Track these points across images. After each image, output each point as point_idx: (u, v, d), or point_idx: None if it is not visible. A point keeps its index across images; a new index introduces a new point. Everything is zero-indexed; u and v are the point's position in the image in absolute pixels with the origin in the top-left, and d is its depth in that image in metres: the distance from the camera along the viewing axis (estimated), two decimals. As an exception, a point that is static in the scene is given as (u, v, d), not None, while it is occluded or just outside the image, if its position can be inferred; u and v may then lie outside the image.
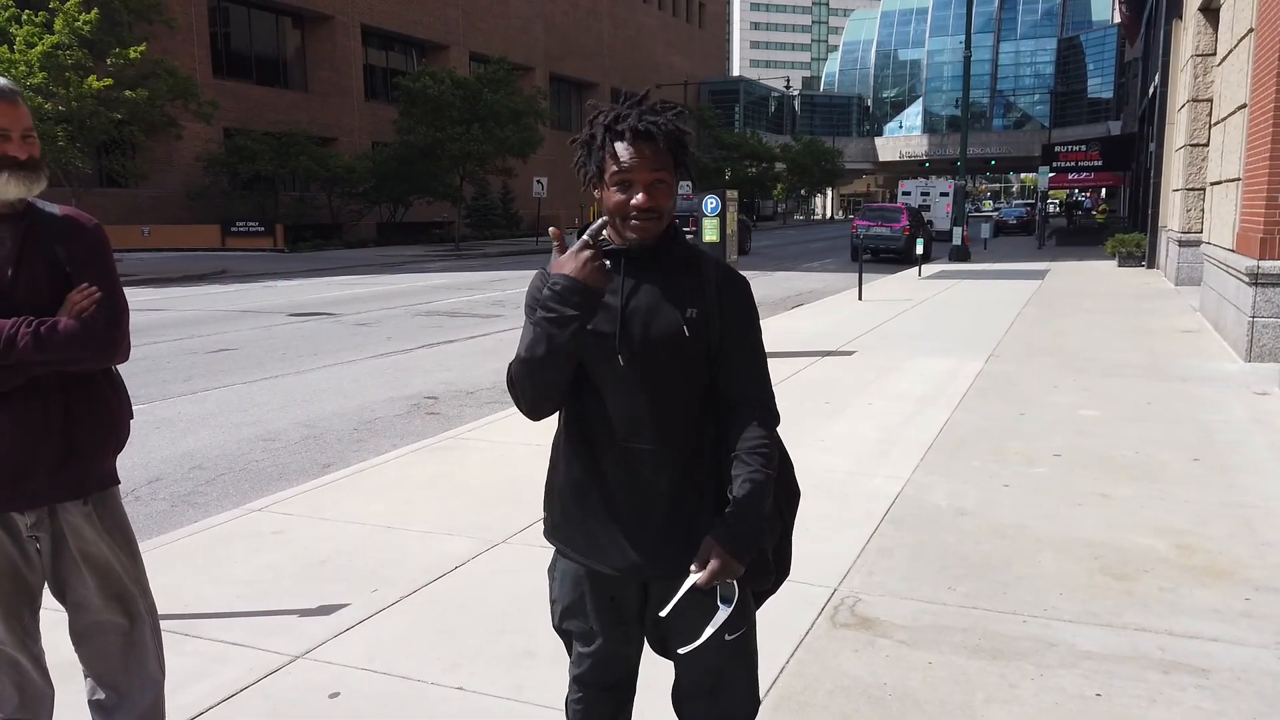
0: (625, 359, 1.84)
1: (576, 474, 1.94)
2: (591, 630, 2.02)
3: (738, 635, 1.94)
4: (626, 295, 1.86)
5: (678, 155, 1.83)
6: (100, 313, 2.16)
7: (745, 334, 1.92)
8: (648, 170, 1.78)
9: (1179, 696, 2.98)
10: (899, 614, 3.61)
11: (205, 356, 10.72)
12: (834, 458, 5.86)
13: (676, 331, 1.84)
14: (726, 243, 9.59)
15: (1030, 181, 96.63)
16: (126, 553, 2.35)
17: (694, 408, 1.90)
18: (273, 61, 38.18)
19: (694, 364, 1.88)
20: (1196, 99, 14.80)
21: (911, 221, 27.02)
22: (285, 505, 5.04)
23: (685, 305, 1.86)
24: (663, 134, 1.79)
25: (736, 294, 1.92)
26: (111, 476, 2.33)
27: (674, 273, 1.89)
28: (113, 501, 2.34)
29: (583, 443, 1.93)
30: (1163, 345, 10.15)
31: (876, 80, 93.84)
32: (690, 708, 2.06)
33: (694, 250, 1.94)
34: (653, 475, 1.88)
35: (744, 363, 1.91)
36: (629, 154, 1.78)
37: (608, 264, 1.78)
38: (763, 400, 1.92)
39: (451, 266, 26.34)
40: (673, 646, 1.97)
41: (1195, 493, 5.07)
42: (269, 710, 2.98)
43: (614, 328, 1.85)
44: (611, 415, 1.88)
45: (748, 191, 60.20)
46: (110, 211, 30.39)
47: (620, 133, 1.79)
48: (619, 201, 1.81)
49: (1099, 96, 77.20)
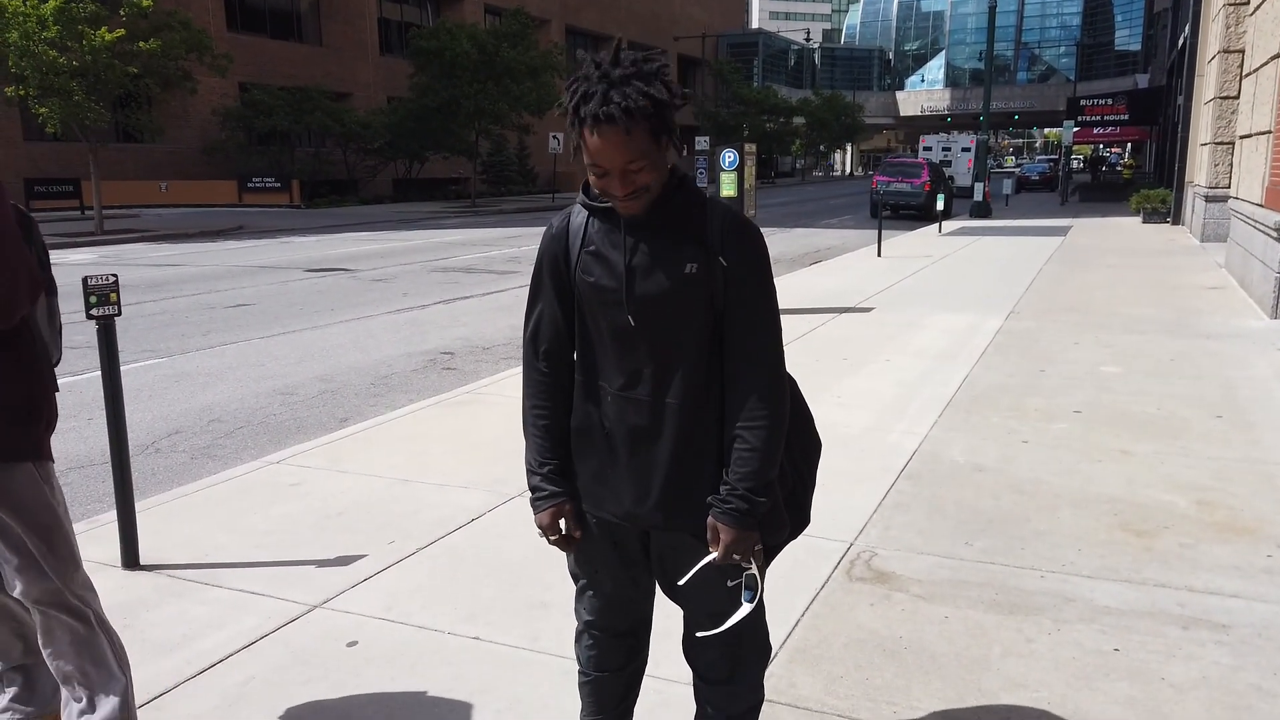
0: (631, 314, 1.82)
1: (579, 420, 1.95)
2: (597, 574, 2.04)
3: (739, 582, 1.94)
4: (629, 251, 1.82)
5: (656, 129, 1.69)
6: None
7: (752, 286, 1.83)
8: (620, 160, 1.67)
9: (1198, 652, 2.96)
10: (915, 568, 3.60)
11: (223, 311, 10.75)
12: (851, 413, 5.82)
13: (677, 286, 1.80)
14: (744, 197, 9.49)
15: (1054, 136, 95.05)
16: (38, 538, 2.13)
17: (699, 362, 1.85)
18: (287, 14, 37.82)
19: (696, 318, 1.83)
20: (1227, 50, 14.43)
21: (932, 177, 26.68)
22: (303, 458, 5.07)
23: (686, 260, 1.80)
24: (627, 116, 1.63)
25: (743, 244, 1.83)
26: (22, 450, 2.09)
27: (678, 225, 1.82)
28: (14, 479, 2.09)
29: (587, 390, 1.94)
30: (1187, 302, 10.01)
31: (898, 32, 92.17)
32: (698, 654, 2.06)
33: (701, 200, 1.86)
34: (651, 426, 1.85)
35: (750, 315, 1.83)
36: (596, 143, 1.66)
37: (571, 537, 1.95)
38: (767, 355, 1.84)
39: (467, 223, 26.26)
40: (682, 594, 1.98)
41: (1217, 449, 5.01)
42: (288, 657, 3.01)
43: (619, 283, 1.82)
44: (614, 366, 1.88)
45: (765, 147, 59.46)
46: (127, 167, 30.45)
47: (584, 119, 1.66)
48: (600, 185, 1.75)
49: (1126, 49, 75.55)
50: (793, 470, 2.02)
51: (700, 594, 1.96)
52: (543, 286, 1.94)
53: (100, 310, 3.45)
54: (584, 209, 1.89)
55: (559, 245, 1.91)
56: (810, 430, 2.09)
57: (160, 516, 4.20)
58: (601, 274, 1.83)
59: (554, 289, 1.92)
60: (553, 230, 1.93)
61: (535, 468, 1.97)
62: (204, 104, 31.80)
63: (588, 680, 2.16)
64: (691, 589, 1.96)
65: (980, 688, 2.78)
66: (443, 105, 33.19)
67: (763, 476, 1.81)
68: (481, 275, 14.26)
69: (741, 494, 1.80)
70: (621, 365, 1.87)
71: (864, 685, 2.79)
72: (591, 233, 1.87)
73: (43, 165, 28.94)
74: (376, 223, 26.04)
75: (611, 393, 1.89)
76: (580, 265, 1.87)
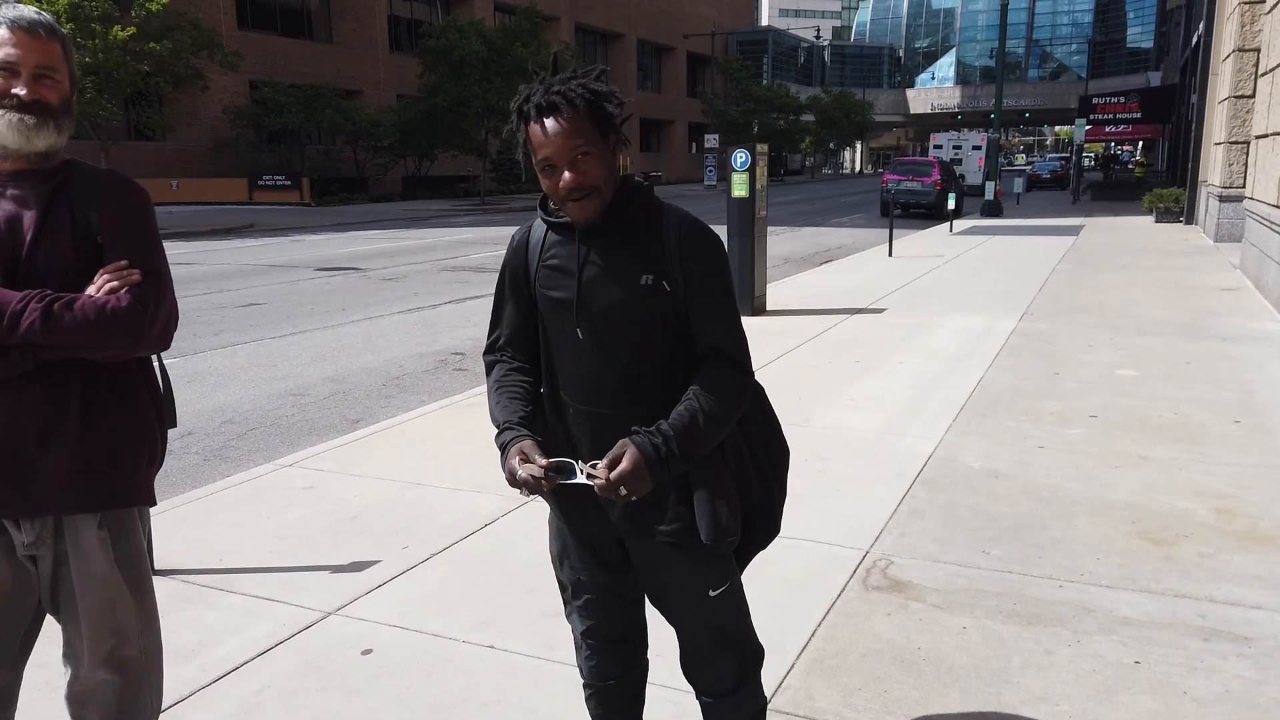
0: (584, 330, 1.82)
1: (549, 431, 1.96)
2: (581, 580, 2.03)
3: (720, 591, 1.96)
4: (581, 264, 1.81)
5: (599, 120, 1.71)
6: (133, 294, 1.82)
7: (709, 288, 1.81)
8: (565, 145, 1.68)
9: (1220, 665, 2.93)
10: (932, 577, 3.57)
11: (235, 311, 10.77)
12: (864, 417, 5.79)
13: (631, 300, 1.79)
14: (756, 198, 9.45)
15: (1066, 134, 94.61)
16: (137, 592, 1.95)
17: (658, 373, 1.84)
18: (297, 12, 37.93)
19: (653, 330, 1.82)
20: (1243, 48, 14.31)
21: (943, 176, 26.56)
22: (316, 461, 5.06)
23: (641, 271, 1.79)
24: (568, 102, 1.67)
25: (698, 248, 1.81)
26: (136, 493, 1.94)
27: (632, 237, 1.81)
28: (130, 526, 1.95)
29: (552, 401, 1.94)
30: (1201, 303, 9.93)
31: (909, 30, 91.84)
32: (698, 672, 2.06)
33: (656, 208, 1.85)
34: (614, 438, 1.79)
35: (710, 318, 1.82)
36: (540, 133, 1.69)
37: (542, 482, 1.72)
38: (730, 353, 1.84)
39: (477, 221, 26.27)
40: (666, 599, 1.99)
41: (1236, 455, 4.96)
42: (303, 665, 3.00)
43: (571, 296, 1.81)
44: (574, 379, 1.88)
45: (775, 145, 59.32)
46: (138, 165, 30.55)
47: (527, 113, 1.71)
48: (550, 186, 1.74)
49: (1139, 46, 75.15)
50: (759, 480, 1.99)
51: (684, 606, 1.97)
52: (504, 300, 1.96)
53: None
54: (543, 223, 1.90)
55: (519, 258, 1.92)
56: (778, 437, 2.06)
57: (174, 520, 4.20)
58: (558, 286, 1.84)
59: (514, 302, 1.94)
60: (514, 243, 1.95)
61: (500, 424, 1.87)
62: (215, 102, 31.92)
63: (593, 693, 2.16)
64: (674, 600, 1.98)
65: (1000, 700, 2.75)
66: (452, 103, 33.22)
67: (689, 433, 1.74)
68: (491, 274, 14.25)
69: (665, 436, 1.73)
70: (581, 379, 1.86)
71: (882, 698, 2.77)
72: (549, 245, 1.87)
73: (55, 163, 29.01)
74: (386, 221, 26.07)
75: (574, 406, 1.88)
76: (539, 279, 1.87)
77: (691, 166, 61.06)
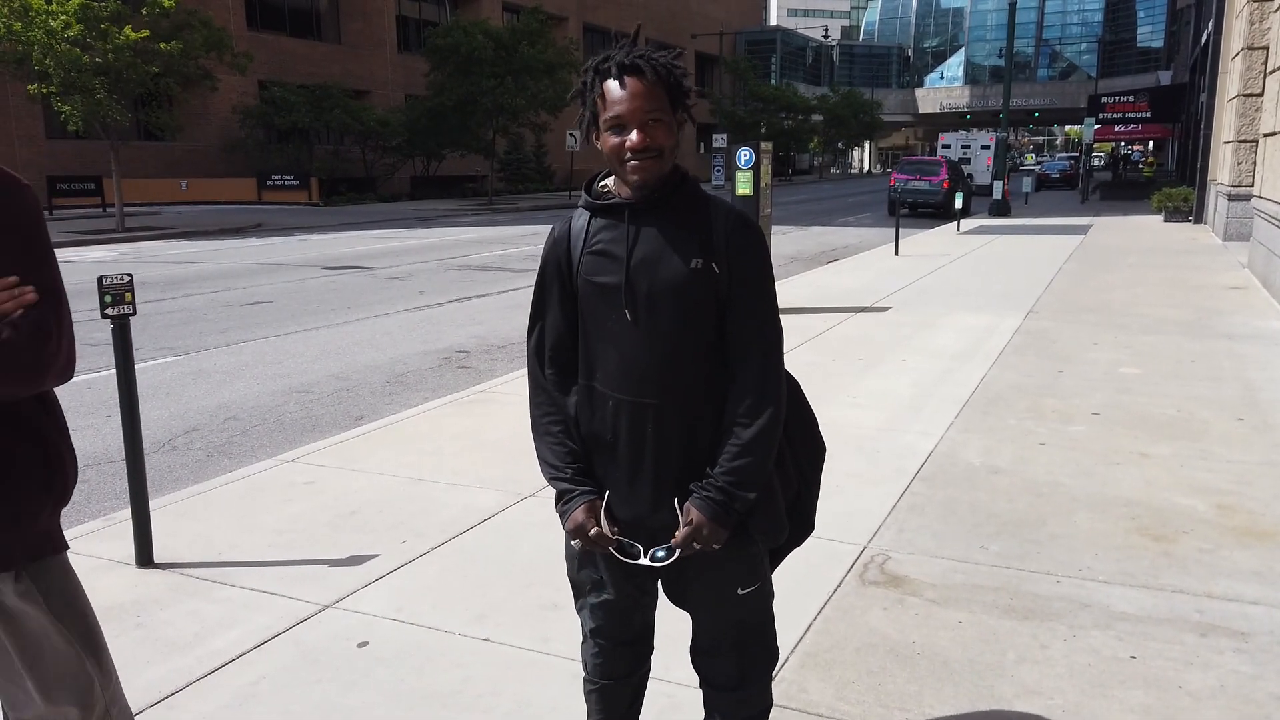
0: (631, 313, 1.80)
1: (583, 423, 1.92)
2: (602, 580, 2.00)
3: (750, 590, 1.94)
4: (631, 246, 1.81)
5: (673, 94, 1.75)
6: (29, 319, 1.50)
7: (753, 284, 1.82)
8: (640, 106, 1.71)
9: (1216, 660, 2.92)
10: (929, 572, 3.57)
11: (240, 309, 10.82)
12: (866, 414, 5.79)
13: (681, 283, 1.78)
14: (760, 195, 9.44)
15: (1075, 134, 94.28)
16: (82, 638, 1.71)
17: (702, 362, 1.84)
18: (306, 13, 38.05)
19: (700, 316, 1.81)
20: (1252, 47, 14.24)
21: (951, 175, 26.51)
22: (317, 456, 5.08)
23: (691, 255, 1.79)
24: (651, 69, 1.71)
25: (746, 242, 1.82)
26: (52, 542, 1.69)
27: (681, 222, 1.81)
28: (58, 570, 1.70)
29: (590, 395, 1.90)
30: (1208, 302, 9.89)
31: (917, 29, 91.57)
32: (707, 662, 2.05)
33: (703, 197, 1.86)
34: (656, 429, 1.82)
35: (751, 314, 1.83)
36: (618, 92, 1.72)
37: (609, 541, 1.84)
38: (767, 357, 1.83)
39: (484, 220, 26.31)
40: (691, 594, 1.97)
41: (1238, 452, 4.94)
42: (299, 657, 3.01)
43: (619, 280, 1.80)
44: (617, 367, 1.84)
45: (783, 145, 59.21)
46: (149, 164, 30.71)
47: (607, 70, 1.73)
48: (615, 145, 1.74)
49: (1149, 45, 74.74)
50: (798, 475, 2.00)
51: (711, 602, 1.95)
52: (548, 292, 1.92)
53: (115, 310, 3.46)
54: (585, 210, 1.89)
55: (560, 249, 1.90)
56: (815, 434, 2.07)
57: (175, 514, 4.22)
58: (605, 271, 1.82)
59: (558, 294, 1.91)
60: (554, 235, 1.93)
61: (559, 470, 1.90)
62: (224, 102, 32.04)
63: (594, 689, 2.14)
64: (701, 596, 1.95)
65: (994, 694, 2.75)
66: (460, 103, 33.26)
67: (747, 473, 1.79)
68: (497, 273, 14.29)
69: (721, 486, 1.79)
70: (623, 368, 1.84)
71: (876, 691, 2.77)
72: (594, 232, 1.86)
73: (64, 163, 29.21)
74: (394, 220, 26.13)
75: (614, 397, 1.85)
76: (583, 266, 1.86)
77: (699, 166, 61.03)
